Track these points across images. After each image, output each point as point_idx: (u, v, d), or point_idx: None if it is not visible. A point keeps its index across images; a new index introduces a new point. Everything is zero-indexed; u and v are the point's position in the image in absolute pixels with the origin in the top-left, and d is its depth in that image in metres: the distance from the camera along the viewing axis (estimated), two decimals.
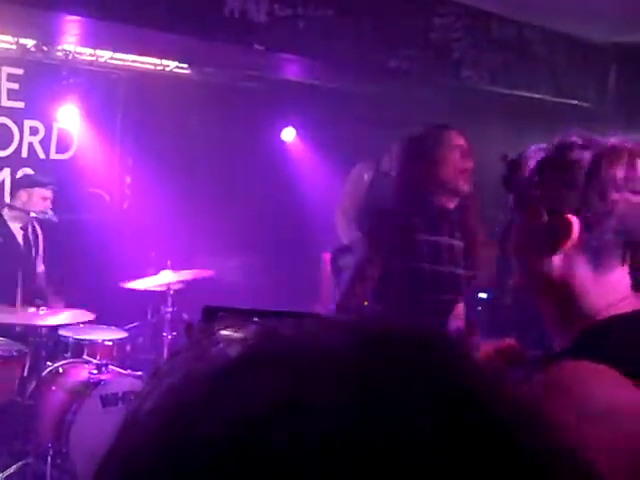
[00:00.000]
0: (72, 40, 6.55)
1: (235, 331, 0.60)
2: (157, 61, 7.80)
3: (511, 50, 6.94)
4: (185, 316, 6.52)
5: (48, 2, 5.16)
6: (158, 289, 6.40)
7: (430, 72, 6.62)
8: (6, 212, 6.52)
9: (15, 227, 6.50)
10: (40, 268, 6.62)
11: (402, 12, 6.39)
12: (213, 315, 1.41)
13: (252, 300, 7.73)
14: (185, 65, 7.92)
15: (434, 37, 6.53)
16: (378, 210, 4.03)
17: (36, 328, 5.61)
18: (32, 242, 6.61)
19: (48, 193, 6.46)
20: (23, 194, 6.42)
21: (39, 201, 6.41)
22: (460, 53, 6.69)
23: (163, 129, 7.91)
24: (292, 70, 7.00)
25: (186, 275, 6.43)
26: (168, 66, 7.91)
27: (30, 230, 6.59)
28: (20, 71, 7.25)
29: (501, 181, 1.70)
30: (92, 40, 6.70)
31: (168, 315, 6.40)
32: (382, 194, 6.34)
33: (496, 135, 7.30)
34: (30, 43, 7.00)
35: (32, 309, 5.68)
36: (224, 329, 0.59)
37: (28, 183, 6.59)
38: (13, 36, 6.88)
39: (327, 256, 7.93)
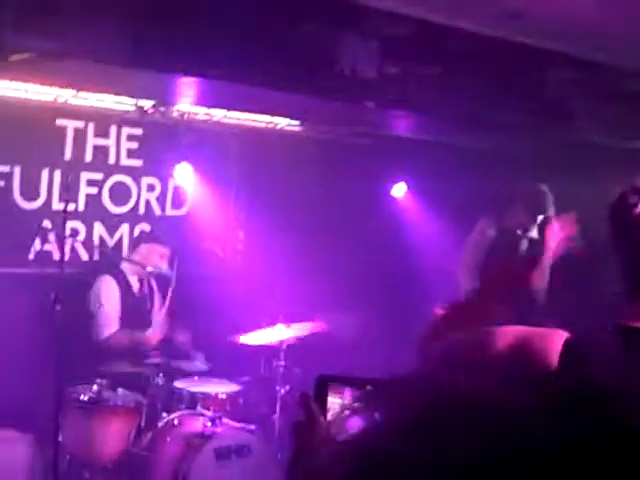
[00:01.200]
0: (187, 100, 6.87)
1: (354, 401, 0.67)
2: (269, 118, 8.02)
3: (629, 101, 6.89)
4: (297, 371, 6.60)
5: (164, 65, 5.39)
6: (271, 343, 6.53)
7: (544, 125, 6.64)
8: (125, 265, 6.89)
9: (133, 280, 6.86)
10: (161, 316, 6.74)
11: (514, 65, 6.44)
12: (326, 385, 1.43)
13: (365, 356, 7.83)
14: (296, 122, 8.12)
15: (548, 90, 6.56)
16: None
17: (153, 378, 5.88)
18: (147, 295, 6.94)
19: (166, 251, 6.78)
20: (143, 248, 6.77)
21: (157, 257, 6.75)
22: (575, 106, 6.69)
23: (275, 186, 8.05)
24: (402, 126, 7.11)
25: (299, 330, 6.56)
26: (279, 124, 8.12)
27: (146, 284, 6.94)
28: (139, 131, 7.54)
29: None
30: (206, 99, 6.98)
31: (281, 369, 6.51)
32: (505, 251, 6.54)
33: (612, 190, 7.17)
34: (148, 104, 7.31)
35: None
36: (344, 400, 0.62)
37: (149, 239, 6.95)
38: (133, 98, 7.21)
39: (439, 311, 7.87)
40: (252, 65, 5.55)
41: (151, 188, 7.76)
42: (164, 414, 5.86)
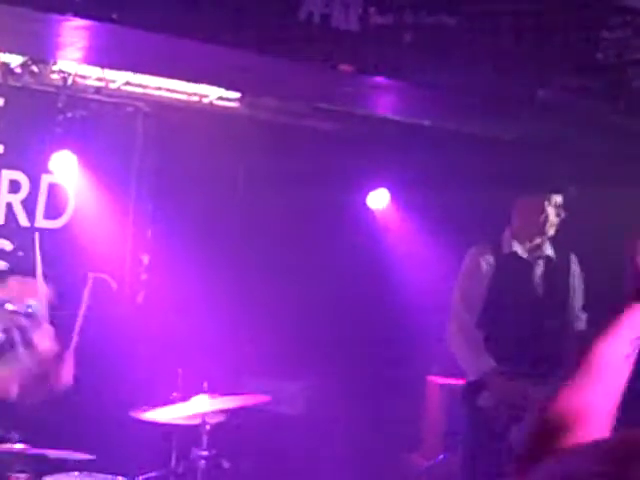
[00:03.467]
0: (74, 56, 6.57)
1: None
2: (192, 88, 7.82)
3: None
4: (226, 464, 6.39)
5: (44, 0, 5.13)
6: (188, 422, 6.30)
7: (595, 108, 6.52)
8: None
9: None
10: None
11: (556, 25, 6.28)
12: None
13: (319, 444, 7.76)
14: (233, 95, 7.94)
15: (601, 58, 6.40)
16: None
17: (10, 474, 5.67)
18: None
19: (45, 289, 6.34)
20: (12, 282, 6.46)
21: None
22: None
23: (197, 187, 7.96)
24: (388, 103, 6.97)
25: (229, 403, 6.31)
26: (207, 96, 7.93)
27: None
28: None
29: None
30: (101, 56, 6.67)
31: (202, 461, 6.25)
32: (514, 281, 6.71)
33: None
34: (14, 61, 7.13)
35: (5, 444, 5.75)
36: None
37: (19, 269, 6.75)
38: None
39: (435, 381, 7.80)
40: (173, 6, 5.35)
41: (15, 187, 7.58)
42: None
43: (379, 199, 8.69)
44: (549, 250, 6.78)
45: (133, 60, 6.82)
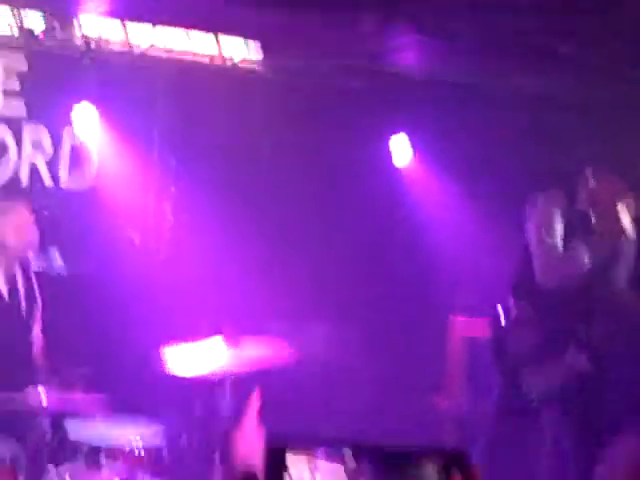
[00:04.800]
0: (98, 12, 6.50)
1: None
2: (215, 48, 7.70)
3: None
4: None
5: None
6: (210, 370, 6.12)
7: (618, 63, 6.39)
8: None
9: None
10: (38, 337, 6.42)
11: None
12: (283, 457, 1.71)
13: (345, 389, 7.64)
14: (255, 57, 7.81)
15: (626, 11, 6.12)
16: None
17: (35, 420, 5.59)
18: (24, 301, 6.37)
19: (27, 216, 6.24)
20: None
21: (27, 233, 6.19)
22: None
23: (222, 145, 7.86)
24: (412, 56, 6.87)
25: (251, 352, 6.17)
26: (231, 58, 7.80)
27: (21, 284, 6.37)
28: (23, 65, 7.33)
29: None
30: (124, 9, 6.72)
31: (225, 407, 6.09)
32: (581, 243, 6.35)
33: None
34: (38, 25, 7.06)
35: (30, 392, 5.63)
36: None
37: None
38: (13, 11, 6.96)
39: (457, 321, 7.70)
40: None
41: (39, 147, 7.52)
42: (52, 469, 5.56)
43: (403, 155, 8.48)
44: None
45: (155, 16, 6.79)
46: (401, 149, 8.46)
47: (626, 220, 6.28)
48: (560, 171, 6.70)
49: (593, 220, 6.30)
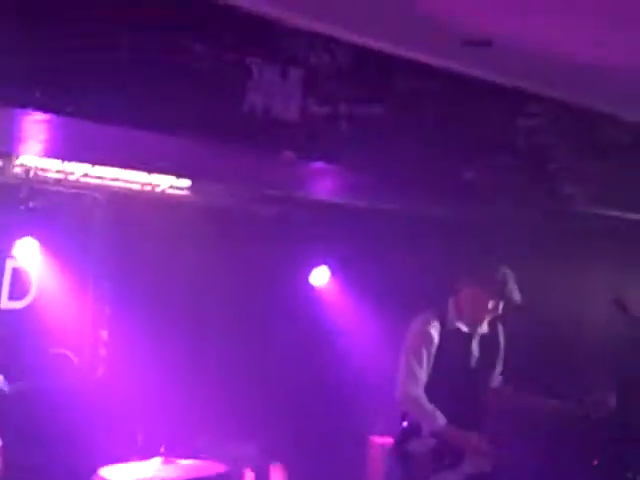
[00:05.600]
0: (36, 149, 6.45)
1: None
2: (145, 178, 7.73)
3: (623, 159, 6.81)
4: None
5: (5, 94, 4.99)
6: None
7: (519, 187, 6.49)
8: None
9: None
10: None
11: (478, 111, 6.27)
12: None
13: None
14: (183, 184, 7.86)
15: (521, 143, 6.39)
16: None
17: None
18: None
19: None
20: None
21: None
22: (557, 164, 6.55)
23: (152, 268, 7.85)
24: (329, 187, 6.87)
25: (186, 468, 6.23)
26: (159, 185, 7.84)
27: None
28: None
29: None
30: (61, 149, 6.57)
31: None
32: (452, 354, 6.57)
33: (602, 268, 7.22)
34: None
35: None
36: None
37: None
38: None
39: (376, 441, 7.69)
40: (127, 99, 5.19)
41: None
42: None
43: (321, 276, 8.61)
44: (485, 328, 6.67)
45: (88, 151, 6.70)
46: (319, 273, 8.54)
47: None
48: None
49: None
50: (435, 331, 6.55)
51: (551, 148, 6.53)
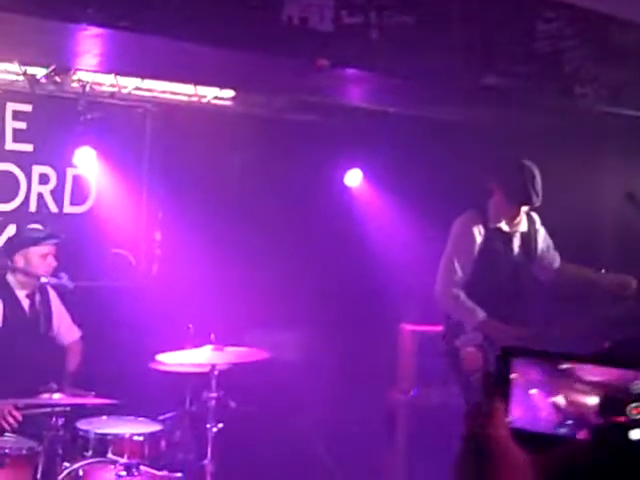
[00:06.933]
0: (91, 63, 6.42)
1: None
2: (192, 90, 7.68)
3: (636, 62, 6.69)
4: (233, 404, 6.27)
5: (61, 11, 4.97)
6: (199, 370, 6.17)
7: (535, 91, 6.41)
8: (11, 278, 6.53)
9: (21, 295, 6.51)
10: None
11: (499, 18, 6.15)
12: (509, 361, 1.55)
13: (315, 385, 7.66)
14: (226, 95, 7.80)
15: (539, 47, 6.29)
16: None
17: (50, 419, 5.49)
18: (41, 312, 6.59)
19: (46, 249, 6.47)
20: (19, 259, 6.47)
21: (39, 262, 6.42)
22: (572, 66, 6.44)
23: (200, 174, 7.78)
24: (360, 93, 6.80)
25: (233, 354, 6.17)
26: (205, 96, 7.77)
27: (38, 298, 6.59)
28: (28, 107, 7.22)
29: None
30: (115, 63, 6.54)
31: (212, 402, 6.06)
32: (499, 253, 6.56)
33: (615, 166, 7.13)
34: (40, 73, 6.98)
35: (45, 395, 5.66)
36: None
37: (20, 243, 6.57)
38: (19, 63, 6.84)
39: (407, 329, 7.71)
40: (175, 13, 5.15)
41: (44, 179, 7.44)
42: (65, 464, 5.51)
43: (354, 178, 8.51)
44: (525, 225, 6.65)
45: (140, 65, 6.68)
46: (352, 175, 8.45)
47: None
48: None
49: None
50: (478, 230, 6.51)
51: (567, 51, 6.45)
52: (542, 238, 6.77)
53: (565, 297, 6.87)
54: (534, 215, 6.70)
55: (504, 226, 6.57)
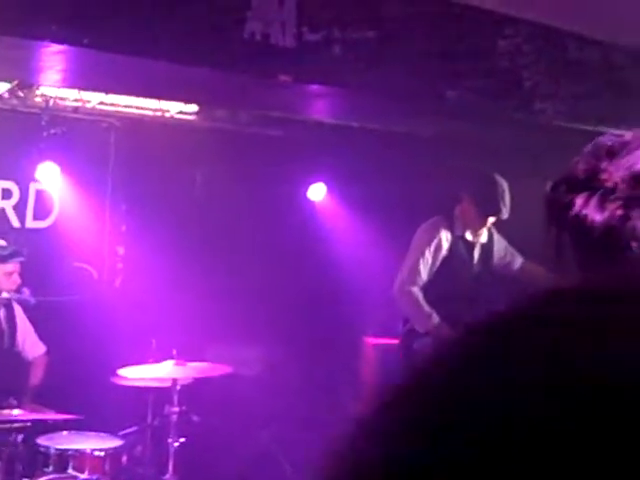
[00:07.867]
0: (54, 79, 6.39)
1: None
2: (156, 104, 7.67)
3: (594, 77, 6.73)
4: (195, 418, 6.27)
5: (24, 28, 4.96)
6: (161, 385, 6.16)
7: (495, 106, 6.43)
8: None
9: None
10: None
11: (460, 34, 6.17)
12: None
13: (278, 399, 7.62)
14: (190, 109, 7.80)
15: (499, 63, 6.31)
16: None
17: (9, 435, 5.48)
18: (5, 328, 6.54)
19: (11, 267, 6.44)
20: None
21: (4, 279, 6.41)
22: (531, 82, 6.46)
23: (164, 188, 7.76)
24: (323, 108, 6.80)
25: (195, 369, 6.18)
26: (169, 111, 7.77)
27: (3, 314, 6.55)
28: None
29: None
30: (78, 79, 6.50)
31: (174, 417, 6.03)
32: (461, 261, 6.61)
33: None
34: (3, 88, 6.97)
35: (4, 411, 5.63)
36: None
37: None
38: None
39: (370, 342, 7.70)
40: (138, 30, 5.16)
41: (7, 194, 7.43)
42: None
43: (318, 192, 8.52)
44: (485, 237, 6.68)
45: (104, 81, 6.65)
46: (316, 189, 8.45)
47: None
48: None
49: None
50: (445, 236, 6.52)
51: (526, 67, 6.48)
52: (497, 247, 6.81)
53: None
54: (494, 233, 6.74)
55: (468, 235, 6.60)
